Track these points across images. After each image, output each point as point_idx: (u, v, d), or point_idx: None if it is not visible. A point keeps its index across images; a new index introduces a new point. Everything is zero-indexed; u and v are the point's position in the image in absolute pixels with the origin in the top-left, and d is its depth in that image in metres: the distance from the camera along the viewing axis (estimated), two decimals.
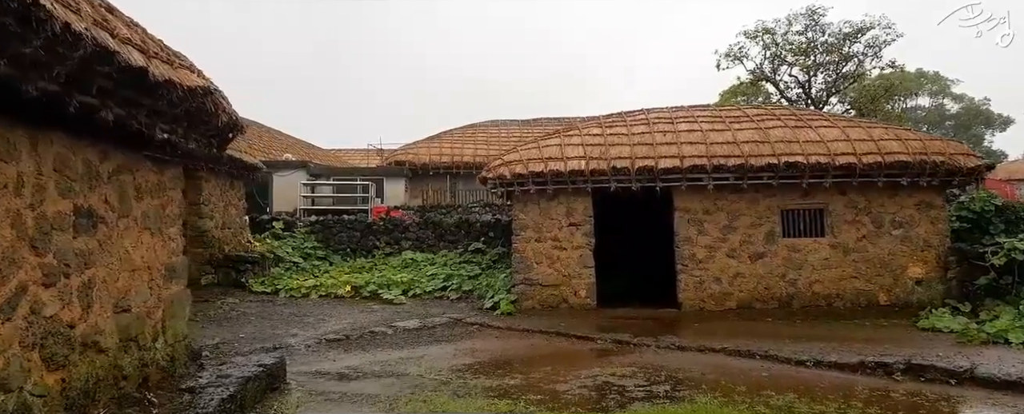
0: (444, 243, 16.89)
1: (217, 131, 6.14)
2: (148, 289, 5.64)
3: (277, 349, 8.93)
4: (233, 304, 12.35)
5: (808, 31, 24.21)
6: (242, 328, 10.39)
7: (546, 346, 9.29)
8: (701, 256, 11.85)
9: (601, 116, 13.46)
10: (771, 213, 11.87)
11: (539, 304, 11.99)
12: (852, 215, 11.75)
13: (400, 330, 10.33)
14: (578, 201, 12.04)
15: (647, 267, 14.05)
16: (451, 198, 23.61)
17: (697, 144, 11.76)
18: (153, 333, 5.74)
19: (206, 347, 8.80)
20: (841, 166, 11.25)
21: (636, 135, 12.18)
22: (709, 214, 11.90)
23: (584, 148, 11.96)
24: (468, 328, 10.63)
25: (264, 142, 28.43)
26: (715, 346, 8.65)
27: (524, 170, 11.79)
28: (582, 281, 12.01)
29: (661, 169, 11.45)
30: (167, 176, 6.14)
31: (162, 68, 4.61)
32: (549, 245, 12.12)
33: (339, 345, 9.34)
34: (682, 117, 12.81)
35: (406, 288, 13.78)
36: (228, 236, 14.86)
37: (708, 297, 11.79)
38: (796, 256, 11.77)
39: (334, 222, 17.60)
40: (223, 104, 5.75)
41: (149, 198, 5.74)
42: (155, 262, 5.77)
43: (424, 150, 24.71)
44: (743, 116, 12.79)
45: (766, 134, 11.94)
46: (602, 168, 11.60)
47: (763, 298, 11.76)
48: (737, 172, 11.43)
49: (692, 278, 11.81)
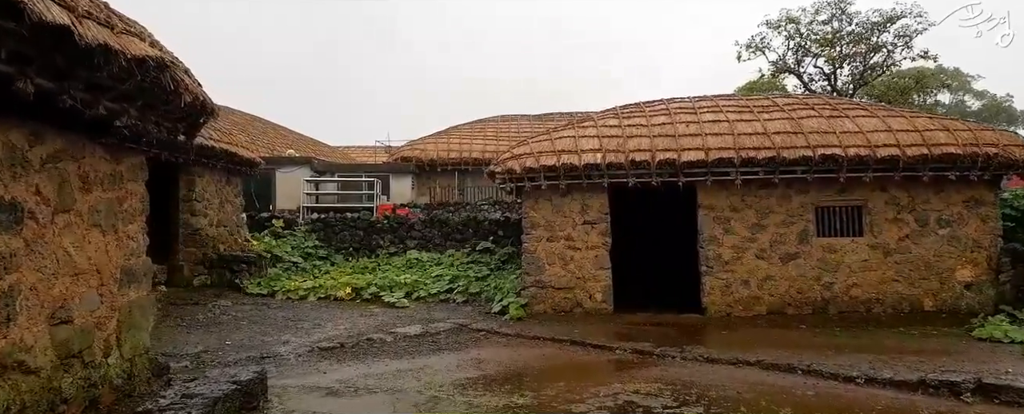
0: (451, 242, 16.08)
1: (182, 114, 5.31)
2: (97, 296, 4.83)
3: (264, 359, 8.14)
4: (225, 307, 11.57)
5: (834, 20, 23.12)
6: (231, 334, 9.61)
7: (559, 356, 8.42)
8: (727, 257, 10.93)
9: (618, 107, 12.56)
10: (804, 210, 10.92)
11: (551, 308, 11.13)
12: (893, 213, 10.78)
13: (400, 337, 9.50)
14: (593, 197, 11.15)
15: (667, 268, 13.16)
16: (459, 195, 22.79)
17: (723, 135, 10.84)
18: (104, 347, 4.93)
19: (185, 357, 8.03)
20: (883, 159, 10.29)
21: (656, 126, 11.28)
22: (736, 211, 10.98)
23: (600, 140, 11.07)
24: (474, 335, 9.78)
25: (268, 138, 27.76)
26: (749, 358, 7.74)
27: (535, 164, 10.92)
28: (597, 284, 11.12)
29: (684, 162, 10.54)
30: (125, 166, 5.33)
31: (96, 31, 3.78)
32: (562, 245, 11.24)
33: (333, 354, 8.52)
34: (706, 107, 11.89)
35: (409, 290, 12.96)
36: (223, 234, 14.10)
37: (735, 302, 10.87)
38: (832, 257, 10.82)
39: (336, 220, 16.83)
40: (185, 81, 4.92)
41: (100, 190, 4.93)
42: (107, 265, 4.96)
43: (431, 146, 23.90)
44: (773, 105, 11.85)
45: (799, 124, 10.99)
46: (619, 161, 10.71)
47: (796, 303, 10.82)
48: (768, 166, 10.50)
49: (718, 281, 10.89)
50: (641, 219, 13.16)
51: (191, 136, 5.79)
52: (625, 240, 11.63)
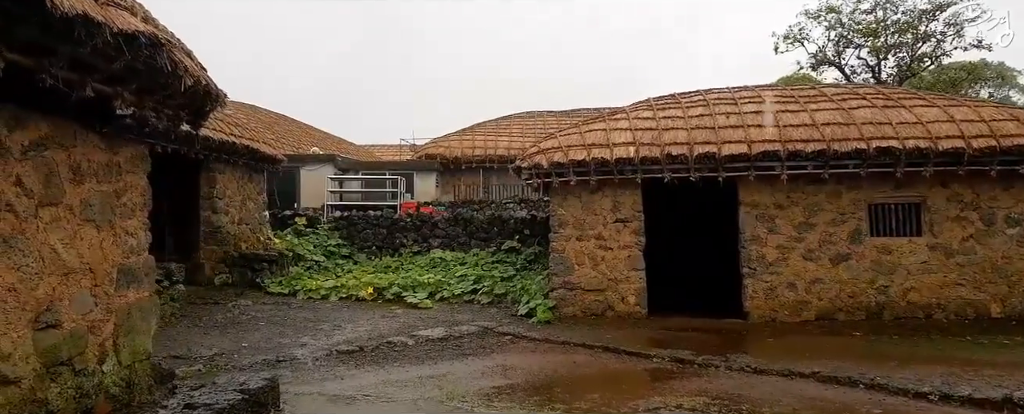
0: (475, 241, 15.59)
1: (185, 100, 4.86)
2: (90, 297, 4.41)
3: (280, 362, 7.72)
4: (245, 307, 11.24)
5: (878, 9, 21.98)
6: (248, 335, 9.23)
7: (592, 364, 7.84)
8: (772, 258, 10.22)
9: (651, 98, 11.91)
10: (856, 208, 10.16)
11: (581, 311, 10.54)
12: (956, 210, 9.96)
13: (422, 340, 9.01)
14: (626, 194, 10.53)
15: (704, 270, 12.48)
16: (484, 193, 22.29)
17: (767, 127, 10.13)
18: (99, 353, 4.50)
19: (198, 360, 7.64)
20: (945, 152, 9.49)
21: (694, 118, 10.61)
22: (781, 209, 10.26)
23: (633, 133, 10.45)
24: (500, 339, 9.25)
25: (293, 137, 27.63)
26: (803, 369, 7.07)
27: (564, 158, 10.34)
28: (630, 285, 10.50)
29: (725, 156, 9.87)
30: (123, 156, 4.90)
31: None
32: (592, 244, 10.64)
33: (352, 358, 8.06)
34: (747, 97, 11.17)
35: (433, 290, 12.48)
36: (245, 232, 13.80)
37: (780, 306, 10.15)
38: (887, 259, 10.05)
39: (359, 218, 16.46)
40: (185, 63, 4.46)
41: (94, 182, 4.50)
42: (102, 263, 4.53)
43: (456, 143, 23.44)
44: (820, 95, 11.09)
45: (850, 115, 10.23)
46: (654, 155, 10.08)
47: (847, 308, 10.07)
48: (817, 159, 9.77)
49: (761, 284, 10.19)
50: (675, 217, 12.50)
51: (196, 125, 5.34)
52: (658, 239, 10.97)
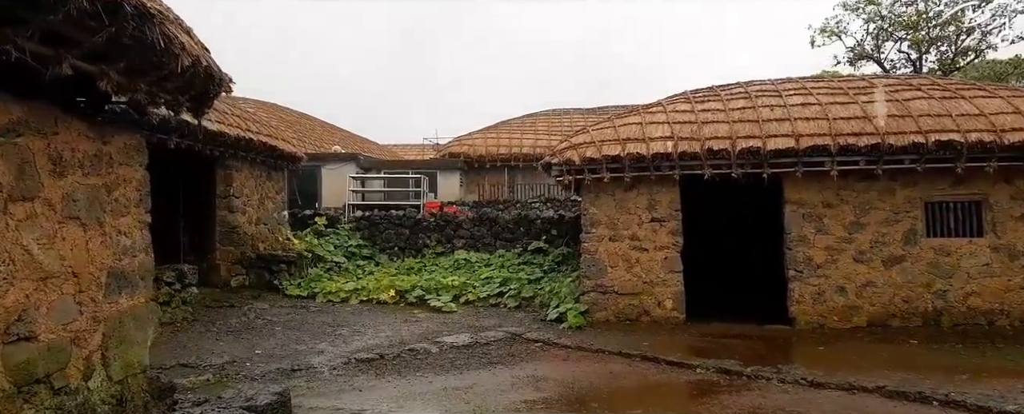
0: (501, 242, 15.04)
1: (183, 82, 4.37)
2: (74, 305, 3.93)
3: (294, 372, 7.23)
4: (261, 310, 10.81)
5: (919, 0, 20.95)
6: (263, 341, 8.77)
7: (630, 375, 7.21)
8: (820, 260, 9.49)
9: (687, 91, 11.23)
10: (911, 206, 9.39)
11: (614, 316, 9.91)
12: (1021, 209, 9.14)
13: (447, 347, 8.46)
14: (663, 191, 9.88)
15: (744, 272, 11.78)
16: (509, 193, 21.76)
17: (816, 120, 9.41)
18: (85, 368, 4.02)
19: (208, 369, 7.18)
20: (1011, 146, 8.69)
21: (735, 111, 9.92)
22: (830, 207, 9.53)
23: (671, 127, 9.79)
24: (529, 346, 8.67)
25: (316, 135, 27.36)
26: (865, 383, 6.37)
27: (597, 154, 9.72)
28: (667, 289, 9.84)
29: (770, 151, 9.17)
30: (115, 146, 4.42)
31: None
32: (626, 245, 10.01)
33: (371, 367, 7.54)
34: (792, 89, 10.45)
35: (457, 293, 11.95)
36: (263, 233, 13.41)
37: (829, 311, 9.42)
38: (945, 261, 9.26)
39: (381, 218, 16.01)
40: (182, 40, 3.97)
41: (79, 174, 4.03)
42: (88, 266, 4.05)
43: (480, 141, 22.93)
44: (871, 86, 10.31)
45: (905, 107, 9.46)
46: (694, 150, 9.41)
47: (901, 313, 9.31)
48: (870, 154, 9.03)
49: (808, 287, 9.46)
50: (712, 216, 11.80)
51: (199, 113, 4.85)
52: (695, 240, 10.29)
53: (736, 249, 12.41)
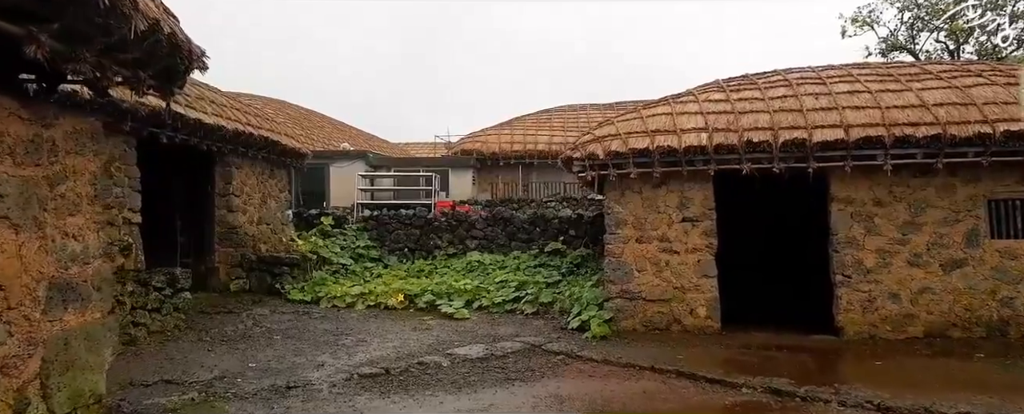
0: (516, 243, 14.27)
1: (143, 54, 3.61)
2: (1, 325, 3.17)
3: (289, 389, 6.48)
4: (260, 317, 10.08)
5: None
6: (259, 352, 8.03)
7: (667, 396, 6.38)
8: (870, 264, 8.60)
9: (719, 79, 10.36)
10: (973, 204, 8.48)
11: (642, 325, 9.08)
12: None
13: (459, 361, 7.67)
14: (695, 188, 9.04)
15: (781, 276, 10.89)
16: (523, 191, 20.96)
17: (867, 109, 8.52)
18: (16, 402, 3.26)
19: (193, 386, 6.44)
20: None
21: (776, 99, 9.04)
22: (882, 206, 8.64)
23: (705, 117, 8.93)
24: (550, 359, 7.84)
25: (325, 133, 26.72)
26: (944, 409, 5.50)
27: (623, 147, 8.89)
28: (700, 295, 9.00)
29: (816, 143, 8.29)
30: (60, 130, 3.66)
31: None
32: (655, 247, 9.17)
33: (375, 384, 6.76)
34: (837, 76, 9.55)
35: (470, 298, 11.17)
36: (265, 233, 12.70)
37: (881, 320, 8.53)
38: (1012, 265, 8.35)
39: (390, 218, 15.28)
40: None
41: (8, 163, 3.27)
42: (19, 277, 3.29)
43: (493, 138, 22.13)
44: (924, 72, 9.40)
45: (966, 94, 8.54)
46: (730, 143, 8.55)
47: (962, 323, 8.40)
48: (929, 146, 8.13)
49: (857, 294, 8.58)
50: (746, 215, 10.90)
51: (167, 93, 4.09)
52: (727, 241, 9.40)
53: (771, 251, 11.52)
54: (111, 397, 5.97)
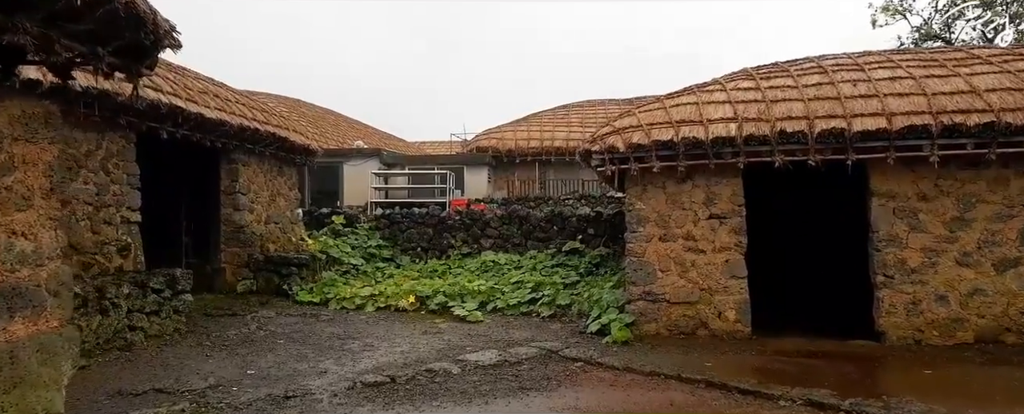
0: (532, 242, 13.74)
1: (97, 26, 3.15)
2: None
3: (288, 399, 6.03)
4: (265, 319, 9.69)
5: None
6: (260, 358, 7.61)
7: (697, 409, 5.81)
8: (914, 263, 7.95)
9: (748, 67, 9.73)
10: None
11: (666, 329, 8.51)
12: None
13: (471, 367, 7.17)
14: (723, 183, 8.44)
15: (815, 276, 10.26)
16: (540, 189, 20.43)
17: (911, 96, 7.87)
18: None
19: (185, 396, 6.02)
20: None
21: (810, 87, 8.41)
22: (927, 200, 7.98)
23: (734, 107, 8.34)
24: (567, 366, 7.31)
25: (339, 131, 26.43)
26: None
27: (645, 139, 8.33)
28: (729, 297, 8.40)
29: (856, 133, 7.66)
30: (4, 116, 3.22)
31: None
32: (680, 246, 8.60)
33: (379, 394, 6.28)
34: (876, 62, 8.89)
35: (484, 300, 10.68)
36: (274, 232, 12.33)
37: (927, 325, 7.87)
38: None
39: (402, 217, 14.84)
40: None
41: None
42: None
43: (509, 134, 21.63)
44: (972, 57, 8.70)
45: (1019, 78, 7.85)
46: (762, 133, 7.95)
47: (1018, 327, 7.73)
48: (980, 136, 7.46)
49: (901, 296, 7.93)
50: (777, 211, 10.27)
51: (135, 74, 3.64)
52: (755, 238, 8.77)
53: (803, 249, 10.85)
54: (94, 410, 5.59)
